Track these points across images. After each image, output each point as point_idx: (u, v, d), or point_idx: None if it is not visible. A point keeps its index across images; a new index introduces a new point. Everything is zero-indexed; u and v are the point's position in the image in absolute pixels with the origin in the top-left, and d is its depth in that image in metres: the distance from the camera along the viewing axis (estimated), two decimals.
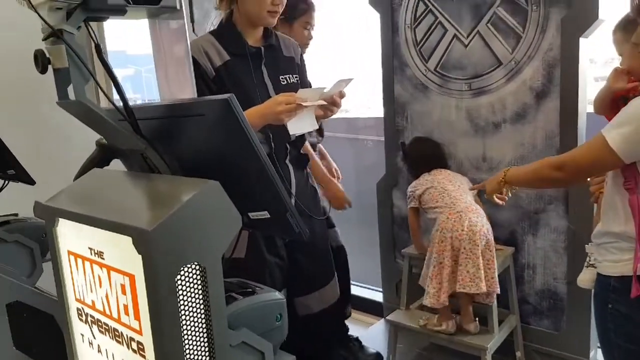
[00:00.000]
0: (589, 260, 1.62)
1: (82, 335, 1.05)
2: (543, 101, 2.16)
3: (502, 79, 2.26)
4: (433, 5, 2.40)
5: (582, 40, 2.02)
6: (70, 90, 0.83)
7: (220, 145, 0.93)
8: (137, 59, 3.39)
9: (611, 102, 1.71)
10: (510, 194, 1.55)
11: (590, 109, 2.19)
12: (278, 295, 1.35)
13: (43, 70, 0.80)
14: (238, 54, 1.75)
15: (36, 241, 1.74)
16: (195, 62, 1.67)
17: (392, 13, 2.55)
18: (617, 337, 1.33)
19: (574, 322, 2.21)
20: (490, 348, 2.07)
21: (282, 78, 1.83)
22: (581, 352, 2.21)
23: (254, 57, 1.78)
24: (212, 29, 3.38)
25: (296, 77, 1.88)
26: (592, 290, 1.47)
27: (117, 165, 1.21)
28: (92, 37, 0.81)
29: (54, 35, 0.77)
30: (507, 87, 2.25)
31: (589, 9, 1.97)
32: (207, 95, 1.57)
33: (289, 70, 1.87)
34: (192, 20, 3.51)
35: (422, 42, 2.47)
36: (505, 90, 2.26)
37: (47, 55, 0.79)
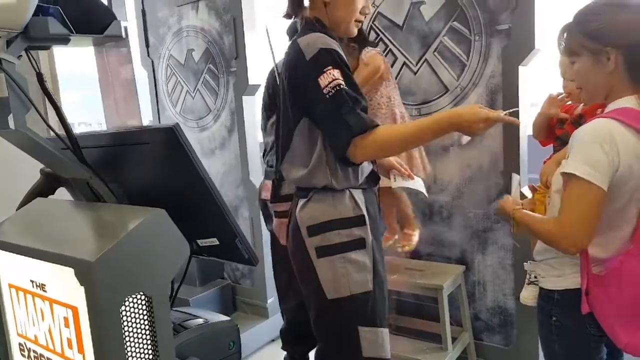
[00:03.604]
0: (530, 278, 1.67)
1: None
2: None
3: (449, 104, 2.35)
4: (384, 33, 2.48)
5: (521, 68, 2.13)
6: (11, 119, 0.82)
7: (166, 172, 0.93)
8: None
9: (548, 128, 1.81)
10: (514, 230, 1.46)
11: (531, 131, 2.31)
12: (231, 322, 1.34)
13: None
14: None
15: None
16: (344, 59, 1.40)
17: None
18: (560, 348, 1.38)
19: (523, 336, 2.28)
20: None
21: None
22: None
23: None
24: (166, 53, 3.39)
25: None
26: (537, 305, 1.51)
27: (63, 194, 1.19)
28: (33, 66, 0.80)
29: None
30: None
31: (526, 39, 2.09)
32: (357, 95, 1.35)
33: None
34: (147, 45, 3.51)
35: None
36: None
37: None
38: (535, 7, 2.05)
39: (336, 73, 1.34)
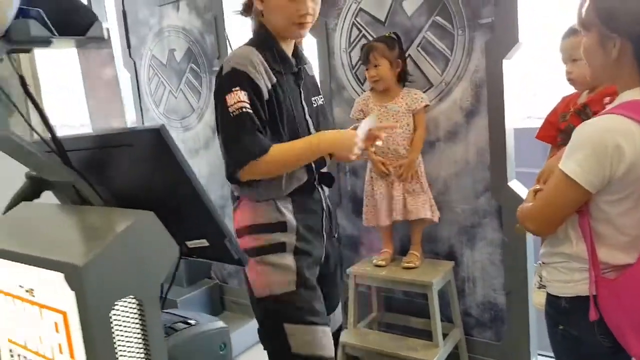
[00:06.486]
0: (540, 281, 1.57)
1: None
2: (473, 120, 2.27)
3: (434, 99, 2.36)
4: (366, 29, 2.48)
5: (505, 62, 2.15)
6: None
7: (152, 174, 0.92)
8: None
9: (552, 130, 1.85)
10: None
11: (518, 124, 2.32)
12: (221, 324, 1.33)
13: None
14: (281, 73, 1.52)
15: None
16: (254, 83, 1.44)
17: (328, 38, 2.62)
18: (568, 358, 1.32)
19: (514, 331, 2.30)
20: None
21: (313, 99, 1.65)
22: None
23: (295, 77, 1.58)
24: (148, 53, 3.35)
25: (321, 98, 1.71)
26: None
27: (49, 198, 1.17)
28: (14, 69, 0.79)
29: None
30: (439, 107, 2.35)
31: (510, 33, 2.10)
32: (264, 118, 1.43)
33: (316, 90, 1.70)
34: (129, 46, 3.47)
35: (357, 66, 2.55)
36: (438, 110, 2.36)
37: None
38: (517, 0, 2.06)
39: (242, 95, 1.41)
